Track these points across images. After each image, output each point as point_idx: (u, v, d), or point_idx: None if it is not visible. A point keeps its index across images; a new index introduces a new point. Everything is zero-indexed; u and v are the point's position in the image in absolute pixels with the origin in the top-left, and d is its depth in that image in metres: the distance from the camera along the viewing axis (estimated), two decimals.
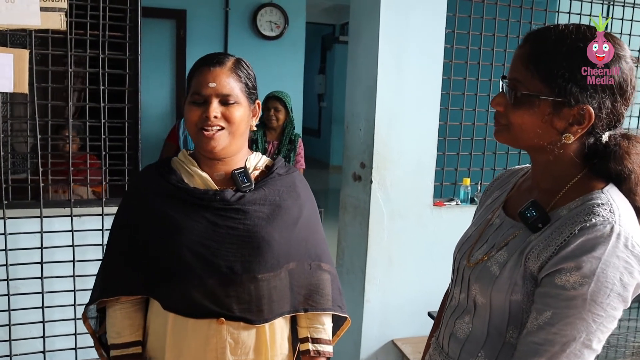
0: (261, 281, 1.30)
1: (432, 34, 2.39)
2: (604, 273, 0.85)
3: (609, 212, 0.88)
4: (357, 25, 2.52)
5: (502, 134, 1.01)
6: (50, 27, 1.87)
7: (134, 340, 1.36)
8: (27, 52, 1.87)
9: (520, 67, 0.95)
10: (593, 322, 0.86)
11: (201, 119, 1.26)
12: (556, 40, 0.92)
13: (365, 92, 2.44)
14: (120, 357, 1.35)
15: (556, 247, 0.90)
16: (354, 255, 2.58)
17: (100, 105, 2.02)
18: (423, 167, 2.48)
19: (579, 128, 0.93)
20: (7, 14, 1.83)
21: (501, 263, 0.98)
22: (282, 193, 1.37)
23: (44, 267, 2.02)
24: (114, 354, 1.36)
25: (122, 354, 1.35)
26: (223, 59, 1.30)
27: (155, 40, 4.19)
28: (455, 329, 1.08)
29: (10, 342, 2.02)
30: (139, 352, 1.37)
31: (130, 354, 1.36)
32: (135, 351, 1.37)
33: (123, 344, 1.36)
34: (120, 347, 1.35)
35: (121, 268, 1.35)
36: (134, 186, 1.43)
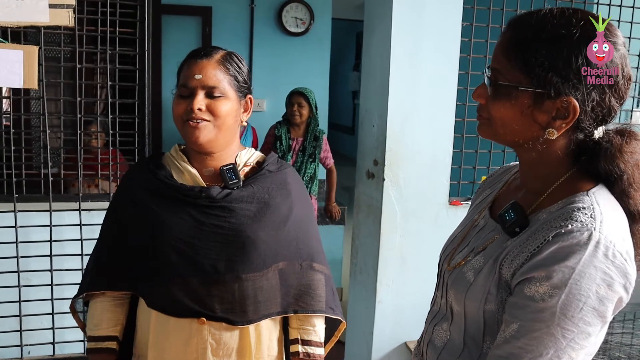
0: (245, 281, 1.27)
1: (448, 27, 2.30)
2: (577, 284, 0.77)
3: (589, 218, 0.80)
4: (370, 18, 2.46)
5: (484, 129, 0.94)
6: (58, 23, 1.89)
7: (109, 335, 1.35)
8: (36, 49, 1.90)
9: (500, 55, 0.88)
10: (562, 337, 0.78)
11: (186, 112, 1.24)
12: (536, 26, 0.85)
13: (377, 87, 2.38)
14: (93, 350, 1.34)
15: (529, 254, 0.82)
16: (367, 254, 2.53)
17: (108, 101, 2.03)
18: (438, 164, 2.40)
19: (563, 122, 0.85)
20: (17, 11, 1.86)
21: (476, 269, 0.92)
22: (271, 190, 1.33)
23: (54, 259, 2.06)
24: (89, 347, 1.35)
25: (95, 347, 1.34)
26: (211, 52, 1.28)
27: (181, 37, 4.22)
28: (434, 336, 1.02)
29: (21, 332, 2.07)
30: (113, 348, 1.34)
31: (103, 348, 1.34)
32: (109, 346, 1.34)
33: (98, 337, 1.34)
34: (95, 339, 1.34)
35: (108, 263, 1.35)
36: (124, 181, 1.42)
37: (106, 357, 1.34)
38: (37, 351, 2.11)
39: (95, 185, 2.93)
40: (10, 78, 1.88)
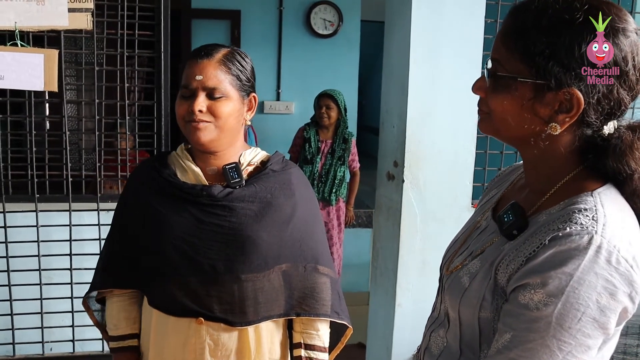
0: (245, 282, 1.26)
1: (469, 23, 2.23)
2: (575, 293, 0.71)
3: (591, 220, 0.74)
4: (390, 18, 2.42)
5: (484, 124, 0.88)
6: (77, 27, 1.93)
7: (130, 333, 1.37)
8: (56, 52, 1.94)
9: (500, 45, 0.82)
10: (559, 350, 0.71)
11: (187, 113, 1.24)
12: (537, 12, 0.78)
13: (397, 87, 2.33)
14: (117, 349, 1.37)
15: (524, 259, 0.76)
16: (387, 257, 2.48)
17: (126, 103, 2.06)
18: (460, 166, 2.33)
19: (566, 116, 0.78)
20: (37, 15, 1.91)
21: (472, 274, 0.86)
22: (274, 190, 1.31)
23: (74, 259, 2.10)
24: (112, 346, 1.38)
25: (118, 346, 1.37)
26: (212, 51, 1.26)
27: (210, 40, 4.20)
28: (430, 343, 0.98)
29: (43, 329, 2.11)
30: (135, 345, 1.37)
31: (126, 347, 1.37)
32: (131, 344, 1.37)
33: (120, 336, 1.37)
34: (117, 339, 1.37)
35: (115, 261, 1.37)
36: (130, 180, 1.43)
37: (129, 355, 1.36)
38: (58, 348, 2.16)
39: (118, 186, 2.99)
40: (31, 81, 1.93)
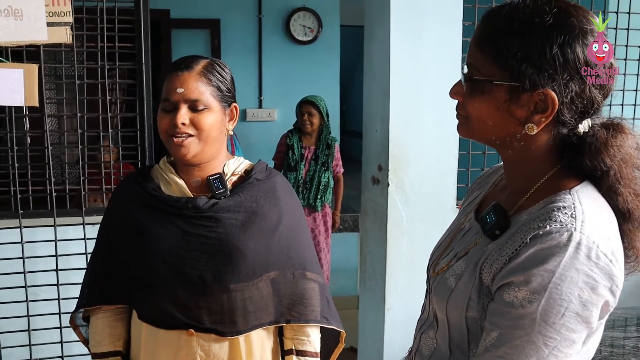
0: (234, 292, 1.26)
1: (448, 27, 2.27)
2: (558, 289, 0.73)
3: (569, 217, 0.76)
4: (370, 24, 2.45)
5: (462, 127, 0.90)
6: (56, 41, 1.92)
7: (113, 350, 1.36)
8: (36, 67, 1.93)
9: (474, 49, 0.85)
10: (544, 345, 0.73)
11: (170, 126, 1.24)
12: (508, 16, 0.81)
13: (379, 91, 2.36)
14: None
15: (507, 258, 0.78)
16: (375, 261, 2.49)
17: (108, 115, 2.05)
18: (444, 167, 2.36)
19: (542, 117, 0.81)
20: (16, 30, 1.89)
21: (457, 275, 0.88)
22: (259, 199, 1.32)
23: (60, 274, 2.08)
24: None
25: None
26: (192, 63, 1.27)
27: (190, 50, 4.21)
28: (421, 345, 0.99)
29: (31, 347, 2.09)
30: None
31: None
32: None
33: (102, 353, 1.36)
34: (100, 356, 1.36)
35: (102, 277, 1.36)
36: (114, 195, 1.43)
37: None
38: None
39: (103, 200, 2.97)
40: (11, 96, 1.91)
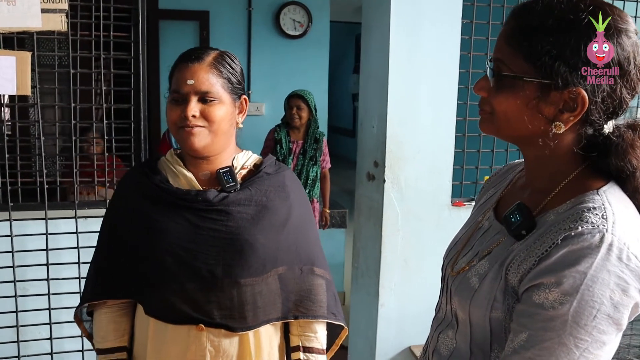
0: (244, 286, 1.24)
1: (447, 25, 2.27)
2: (590, 290, 0.72)
3: (601, 218, 0.76)
4: (368, 20, 2.43)
5: (486, 124, 0.89)
6: (51, 28, 1.86)
7: (118, 346, 1.34)
8: (29, 55, 1.87)
9: (503, 45, 0.84)
10: (575, 347, 0.73)
11: (180, 118, 1.22)
12: (542, 12, 0.80)
13: (377, 88, 2.35)
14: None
15: (536, 258, 0.78)
16: (369, 257, 2.49)
17: (103, 106, 2.00)
18: (440, 165, 2.37)
19: (570, 115, 0.80)
20: (8, 16, 1.83)
21: (481, 274, 0.87)
22: (269, 193, 1.30)
23: (50, 268, 2.02)
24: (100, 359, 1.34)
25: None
26: (202, 54, 1.24)
27: (178, 42, 4.19)
28: (439, 345, 0.98)
29: (19, 343, 2.03)
30: (124, 359, 1.34)
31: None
32: (120, 357, 1.34)
33: (107, 349, 1.33)
34: (105, 352, 1.33)
35: (107, 271, 1.33)
36: (120, 187, 1.39)
37: None
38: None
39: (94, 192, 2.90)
40: (3, 85, 1.85)
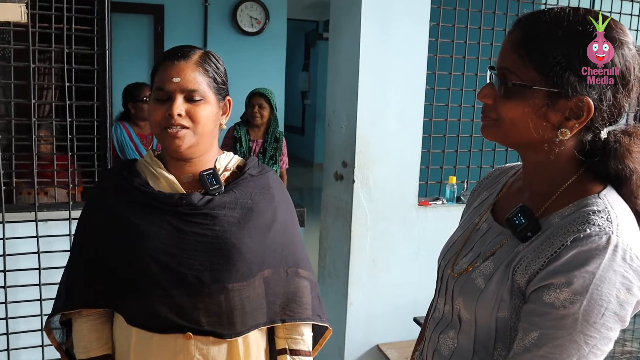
0: (232, 291, 1.21)
1: (415, 27, 2.31)
2: (598, 290, 0.76)
3: (606, 221, 0.79)
4: (337, 19, 2.43)
5: (491, 130, 0.91)
6: (9, 19, 1.75)
7: (102, 355, 1.27)
8: None
9: (512, 54, 0.85)
10: (585, 344, 0.77)
11: (164, 118, 1.17)
12: (551, 23, 0.83)
13: (346, 88, 2.36)
14: None
15: (545, 260, 0.81)
16: (336, 257, 2.50)
17: (66, 103, 1.90)
18: (407, 165, 2.40)
19: (576, 122, 0.83)
20: None
21: (487, 275, 0.89)
22: (254, 195, 1.27)
23: (8, 275, 1.91)
24: None
25: None
26: (188, 52, 1.20)
27: (132, 36, 4.06)
28: (439, 345, 0.99)
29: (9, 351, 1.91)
30: None
31: None
32: None
33: (91, 358, 1.26)
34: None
35: (83, 278, 1.26)
36: (96, 190, 1.33)
37: None
38: None
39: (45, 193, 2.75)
40: None
